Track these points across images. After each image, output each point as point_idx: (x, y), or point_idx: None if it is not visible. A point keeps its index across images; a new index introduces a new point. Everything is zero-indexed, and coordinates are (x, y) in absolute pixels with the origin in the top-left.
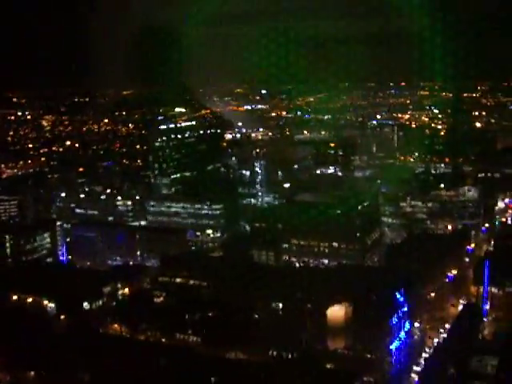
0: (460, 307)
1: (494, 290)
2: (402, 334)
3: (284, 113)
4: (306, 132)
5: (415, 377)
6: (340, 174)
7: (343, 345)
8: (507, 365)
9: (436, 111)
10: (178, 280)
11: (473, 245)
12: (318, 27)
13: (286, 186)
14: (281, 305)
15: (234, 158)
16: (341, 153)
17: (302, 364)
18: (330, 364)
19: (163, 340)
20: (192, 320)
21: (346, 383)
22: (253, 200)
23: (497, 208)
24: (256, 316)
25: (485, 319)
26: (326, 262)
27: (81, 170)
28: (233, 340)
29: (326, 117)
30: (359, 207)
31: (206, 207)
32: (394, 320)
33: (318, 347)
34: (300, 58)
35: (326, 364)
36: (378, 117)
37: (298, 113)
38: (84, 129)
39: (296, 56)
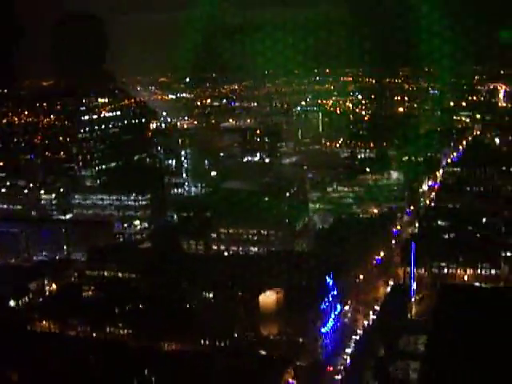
0: (388, 288)
1: (420, 270)
2: (333, 318)
3: (209, 101)
4: (231, 120)
5: (347, 358)
6: (267, 160)
7: (276, 331)
8: (435, 342)
9: (360, 97)
10: (107, 273)
11: (399, 227)
12: (241, 14)
13: (213, 174)
14: (212, 294)
15: (159, 148)
16: (267, 140)
17: (235, 352)
18: (264, 350)
19: (94, 335)
20: (123, 313)
21: (279, 369)
22: (180, 189)
23: (421, 190)
24: (187, 306)
25: (412, 299)
26: (255, 249)
27: (1, 164)
28: (165, 331)
29: (251, 104)
30: (287, 194)
31: (132, 198)
32: (325, 304)
33: (250, 334)
34: (224, 45)
35: (260, 351)
36: (303, 103)
37: (224, 101)
38: (3, 121)
39: (221, 43)
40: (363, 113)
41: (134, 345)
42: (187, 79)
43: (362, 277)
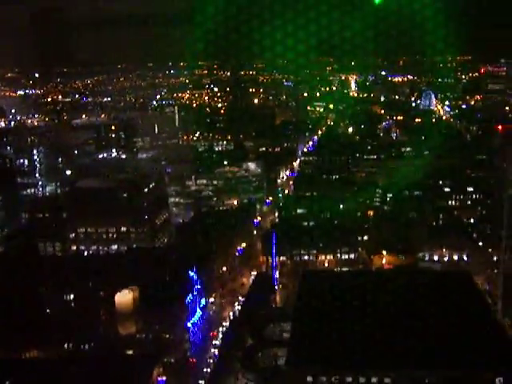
0: (252, 278)
1: (281, 258)
2: (199, 311)
3: (60, 97)
4: (84, 116)
5: (215, 350)
6: (123, 156)
7: (139, 329)
8: (299, 328)
9: (215, 90)
10: None
11: (259, 218)
12: (97, 8)
13: (68, 172)
14: (71, 296)
15: (9, 148)
16: (122, 135)
17: (100, 354)
18: (130, 350)
19: None
20: None
21: (147, 367)
22: (33, 190)
23: (279, 181)
24: (47, 311)
25: (275, 287)
26: (115, 247)
27: None
28: (25, 339)
29: (104, 99)
30: (145, 189)
31: None
32: (189, 298)
33: (114, 335)
34: (77, 38)
35: (126, 350)
36: (158, 97)
37: (76, 96)
38: None
39: (73, 37)
40: (219, 105)
41: None
42: (36, 74)
43: (225, 268)
